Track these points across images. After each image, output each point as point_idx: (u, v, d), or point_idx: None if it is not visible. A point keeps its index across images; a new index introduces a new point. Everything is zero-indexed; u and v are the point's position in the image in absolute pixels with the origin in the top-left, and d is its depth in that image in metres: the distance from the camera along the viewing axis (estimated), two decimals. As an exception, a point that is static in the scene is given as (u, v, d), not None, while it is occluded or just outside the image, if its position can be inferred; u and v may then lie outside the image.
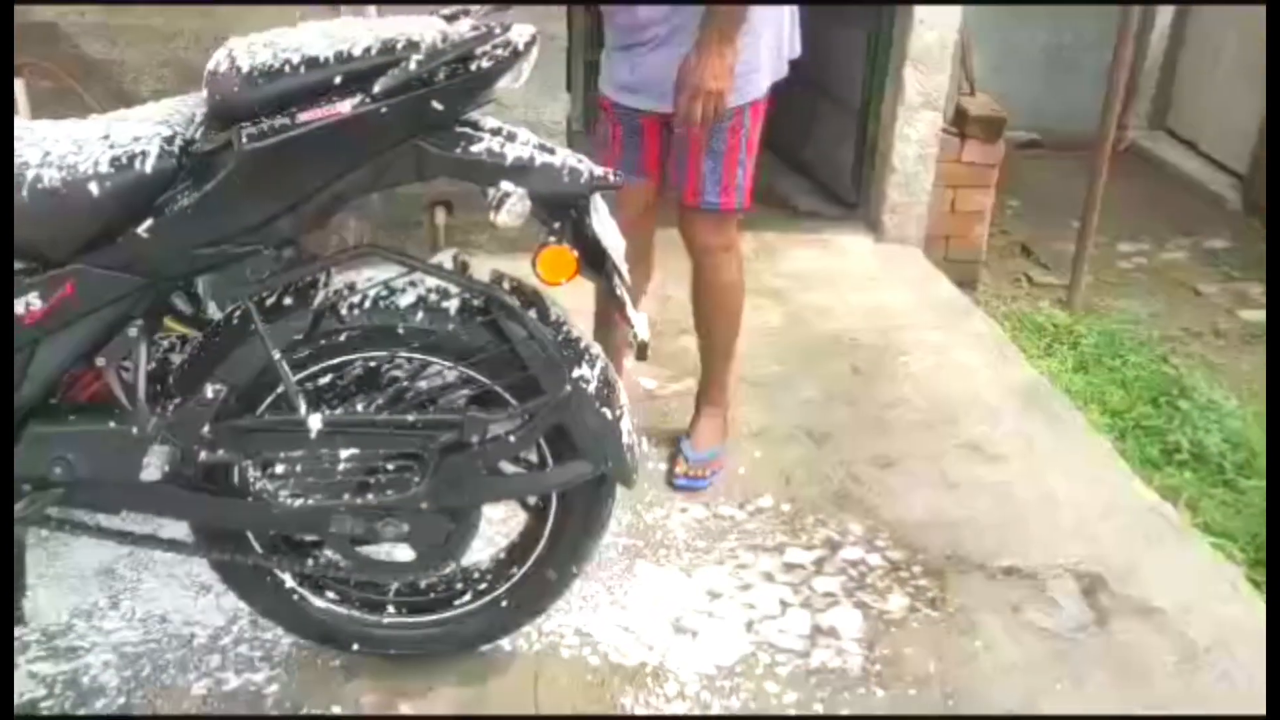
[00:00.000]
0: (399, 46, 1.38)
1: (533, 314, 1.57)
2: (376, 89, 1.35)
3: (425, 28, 1.43)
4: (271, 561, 1.71)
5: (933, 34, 3.43)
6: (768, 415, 2.71)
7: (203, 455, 1.53)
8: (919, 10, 3.41)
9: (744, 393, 2.79)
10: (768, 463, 2.51)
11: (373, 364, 1.64)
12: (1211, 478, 2.79)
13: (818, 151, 4.19)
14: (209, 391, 1.51)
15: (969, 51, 3.71)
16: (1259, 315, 3.92)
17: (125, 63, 2.97)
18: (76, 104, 2.66)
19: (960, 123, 3.69)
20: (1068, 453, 2.61)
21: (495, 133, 1.50)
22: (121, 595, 1.99)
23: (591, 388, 1.60)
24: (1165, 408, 3.05)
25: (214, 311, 1.62)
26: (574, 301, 1.72)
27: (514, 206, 1.42)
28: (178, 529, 1.75)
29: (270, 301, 1.53)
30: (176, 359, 1.61)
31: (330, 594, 1.79)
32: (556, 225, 1.49)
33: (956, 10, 3.43)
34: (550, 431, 1.61)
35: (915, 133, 3.57)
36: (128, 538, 1.70)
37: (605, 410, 1.62)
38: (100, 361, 1.51)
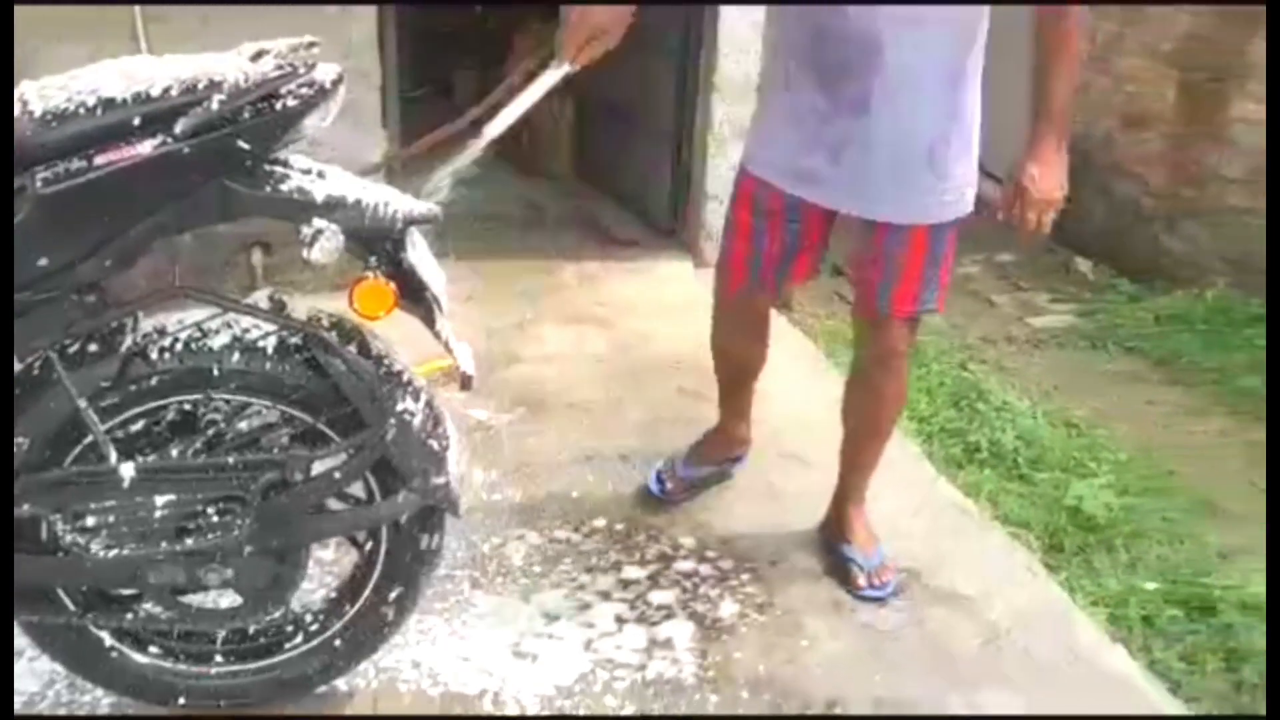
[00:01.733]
0: (200, 86, 1.38)
1: (353, 348, 1.58)
2: (178, 129, 1.35)
3: (227, 66, 1.43)
4: (87, 619, 1.64)
5: (735, 65, 3.60)
6: (598, 439, 2.77)
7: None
8: (722, 41, 3.57)
9: (573, 417, 2.84)
10: (600, 485, 2.56)
11: (188, 407, 1.61)
12: (1008, 473, 3.00)
13: (634, 180, 4.31)
14: (19, 444, 1.45)
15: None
16: (1046, 321, 4.24)
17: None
18: None
19: (768, 151, 3.87)
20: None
21: (305, 171, 1.51)
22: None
23: (416, 420, 1.62)
24: (966, 410, 3.27)
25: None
26: (397, 333, 1.74)
27: (326, 243, 1.43)
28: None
29: (73, 349, 1.49)
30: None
31: (153, 648, 1.73)
32: (372, 260, 1.51)
33: (758, 40, 3.59)
34: (376, 465, 1.62)
35: (726, 161, 3.72)
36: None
37: (431, 442, 1.64)
38: (-121, 421, 1.43)
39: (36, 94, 1.37)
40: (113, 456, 1.48)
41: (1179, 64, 4.08)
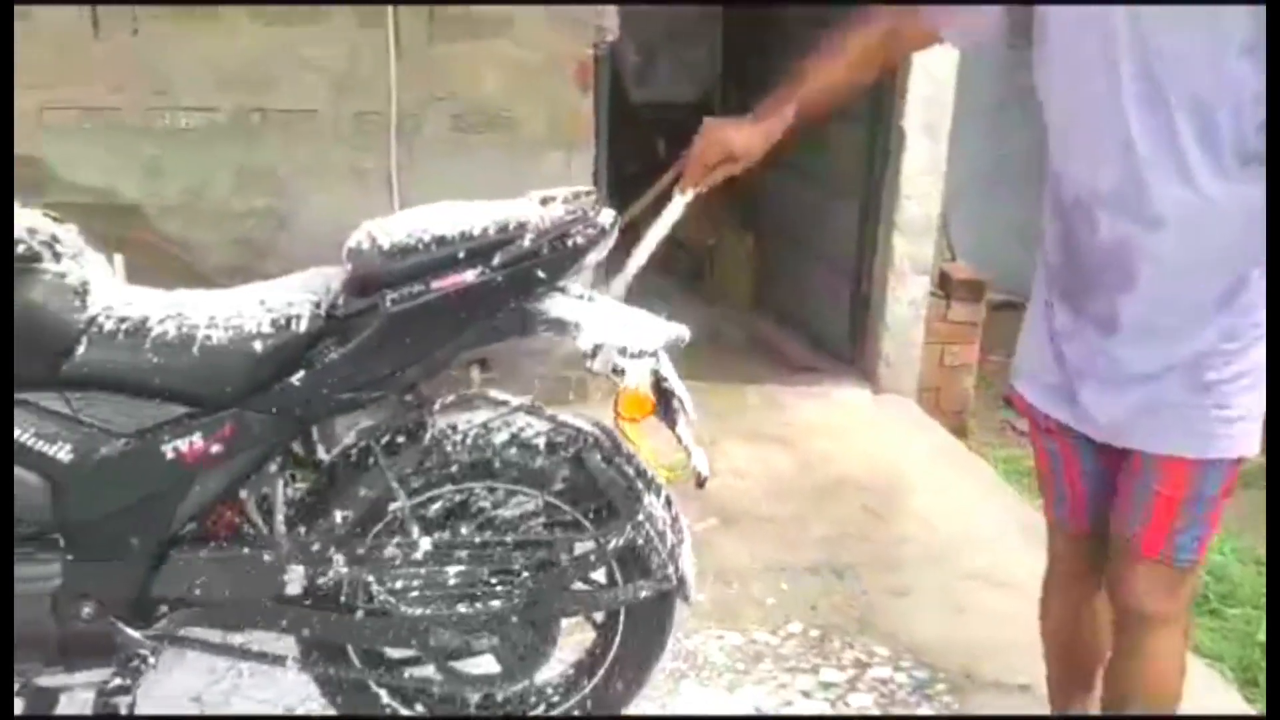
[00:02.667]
0: (510, 226, 1.69)
1: (609, 449, 1.84)
2: (495, 261, 1.65)
3: (527, 210, 1.74)
4: (370, 675, 1.91)
5: (918, 207, 3.84)
6: (788, 551, 2.94)
7: (328, 575, 1.75)
8: (905, 185, 3.82)
9: (762, 529, 3.03)
10: (793, 593, 2.72)
11: (463, 494, 1.89)
12: (1199, 608, 3.01)
13: (812, 309, 4.55)
14: (337, 517, 1.74)
15: (949, 222, 4.13)
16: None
17: (199, 241, 3.28)
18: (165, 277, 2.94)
19: (945, 285, 4.08)
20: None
21: (580, 296, 1.80)
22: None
23: (658, 515, 1.85)
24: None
25: (321, 451, 1.89)
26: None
27: (604, 356, 1.70)
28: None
29: (386, 440, 1.79)
30: (293, 491, 1.85)
31: (419, 706, 1.98)
32: (635, 372, 1.77)
33: (939, 183, 3.84)
34: (622, 553, 1.85)
35: (906, 294, 3.93)
36: (244, 654, 1.89)
37: (669, 535, 1.87)
38: (243, 493, 1.75)
39: (381, 230, 1.70)
40: (414, 531, 1.76)
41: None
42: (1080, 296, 1.71)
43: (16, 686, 1.75)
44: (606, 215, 1.76)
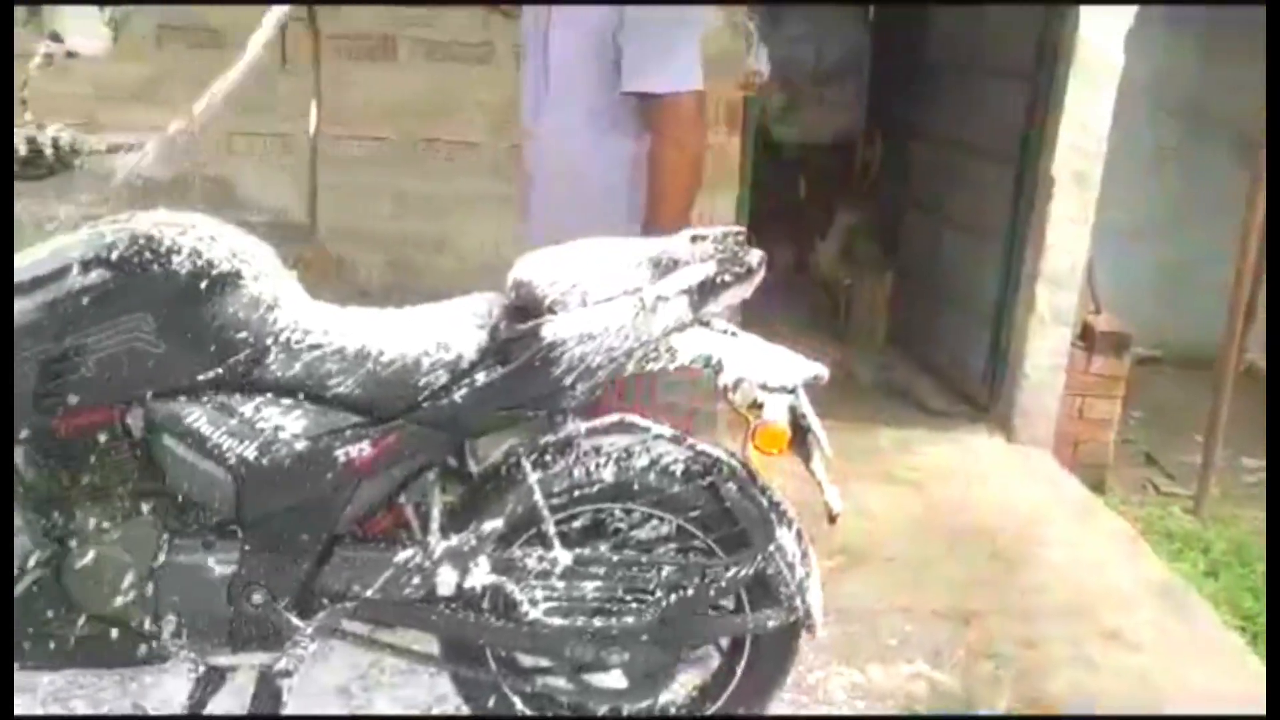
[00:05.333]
0: (663, 262, 1.79)
1: (745, 479, 1.90)
2: (647, 296, 1.75)
3: (679, 247, 1.84)
4: (506, 681, 2.01)
5: (1064, 256, 3.79)
6: (914, 594, 2.93)
7: (475, 581, 1.86)
8: (1050, 233, 3.78)
9: (889, 570, 3.03)
10: (917, 636, 2.72)
11: (602, 513, 1.98)
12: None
13: (948, 353, 4.52)
14: (485, 527, 1.86)
15: (1093, 271, 4.06)
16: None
17: (362, 260, 3.50)
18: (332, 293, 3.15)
19: (1088, 337, 4.00)
20: (1203, 647, 2.76)
21: (724, 331, 1.88)
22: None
23: (789, 547, 1.91)
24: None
25: (472, 465, 2.01)
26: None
27: (745, 389, 1.78)
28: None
29: (535, 457, 1.90)
30: (446, 500, 1.97)
31: (549, 714, 2.07)
32: (773, 405, 1.83)
33: (1086, 233, 3.79)
34: (752, 581, 1.91)
35: (1046, 344, 3.88)
36: (393, 650, 2.02)
37: (799, 567, 1.92)
38: (401, 500, 1.88)
39: (544, 261, 1.82)
40: (556, 545, 1.86)
41: None
42: None
43: (191, 664, 1.91)
44: (755, 255, 1.84)
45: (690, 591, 1.87)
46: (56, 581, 1.83)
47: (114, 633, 1.87)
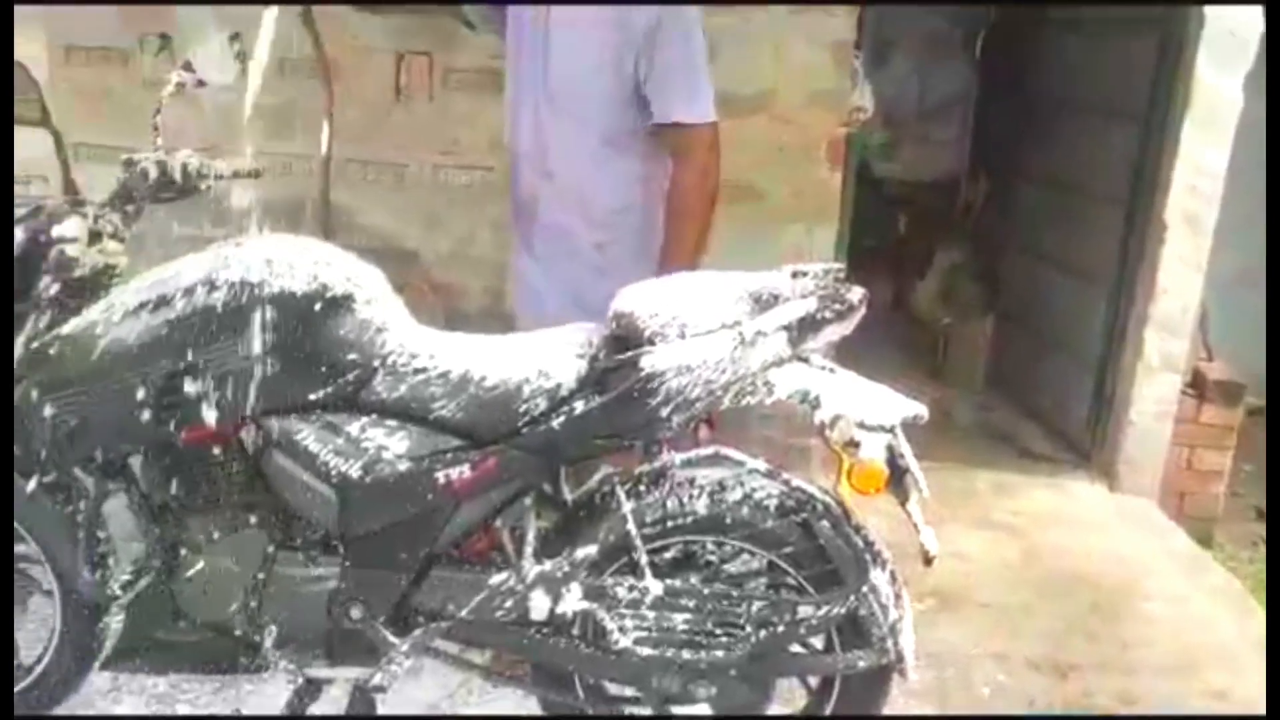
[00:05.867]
0: (764, 297, 1.79)
1: (839, 517, 1.89)
2: (747, 329, 1.75)
3: (779, 282, 1.84)
4: (593, 707, 2.01)
5: (1175, 301, 3.68)
6: (1009, 642, 2.86)
7: (566, 606, 1.88)
8: (1162, 278, 3.67)
9: (983, 616, 2.96)
10: (1011, 685, 2.65)
11: (694, 545, 1.98)
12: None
13: (1050, 398, 4.41)
14: (579, 553, 1.88)
15: (1206, 318, 3.92)
16: None
17: (466, 287, 3.58)
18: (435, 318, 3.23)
19: (1198, 385, 3.87)
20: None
21: (822, 368, 1.88)
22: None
23: (883, 588, 1.88)
24: None
25: (566, 491, 2.03)
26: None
27: (843, 426, 1.77)
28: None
29: (629, 486, 1.91)
30: (542, 525, 2.00)
31: (634, 744, 2.07)
32: (870, 444, 1.82)
33: (1199, 278, 3.67)
34: (843, 621, 1.89)
35: (1154, 392, 3.76)
36: (484, 671, 2.05)
37: (892, 609, 1.89)
38: (498, 523, 1.91)
39: (643, 294, 1.84)
40: (647, 575, 1.86)
41: None
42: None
43: (290, 675, 1.97)
44: (856, 292, 1.83)
45: (780, 628, 1.86)
46: (167, 588, 1.91)
47: (218, 640, 1.94)
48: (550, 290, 2.42)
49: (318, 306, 1.81)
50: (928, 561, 1.90)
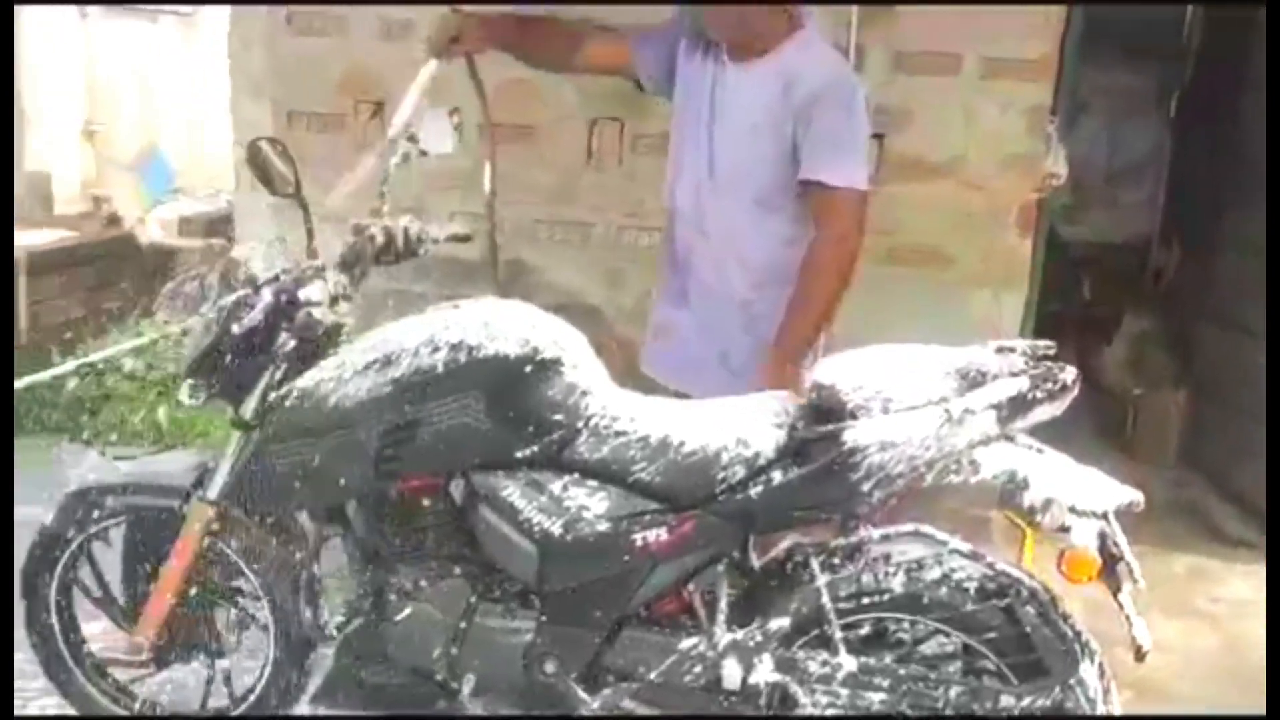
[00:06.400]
0: (971, 374, 1.77)
1: (1045, 604, 1.82)
2: (955, 407, 1.73)
3: (986, 359, 1.81)
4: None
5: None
6: (1209, 741, 2.68)
7: (760, 677, 1.87)
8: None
9: (1185, 712, 2.79)
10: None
11: (884, 623, 1.94)
12: None
13: (1249, 476, 4.14)
14: (773, 624, 1.87)
15: None
16: None
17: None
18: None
19: None
20: None
21: (1029, 447, 1.83)
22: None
23: (1091, 682, 1.81)
24: None
25: (753, 559, 2.03)
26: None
27: (1054, 511, 1.71)
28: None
29: (824, 558, 1.90)
30: (731, 592, 2.00)
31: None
32: (1081, 530, 1.76)
33: None
34: (1047, 714, 1.81)
35: (1374, 475, 3.49)
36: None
37: (1101, 707, 1.81)
38: (690, 588, 1.93)
39: (845, 366, 1.84)
40: (841, 650, 1.84)
41: None
42: None
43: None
44: (1069, 373, 1.79)
45: (980, 716, 1.80)
46: (375, 630, 2.00)
47: (420, 684, 2.01)
48: (698, 342, 2.44)
49: (528, 369, 1.88)
50: (1140, 656, 1.82)
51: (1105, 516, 1.75)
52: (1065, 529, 1.75)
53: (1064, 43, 3.23)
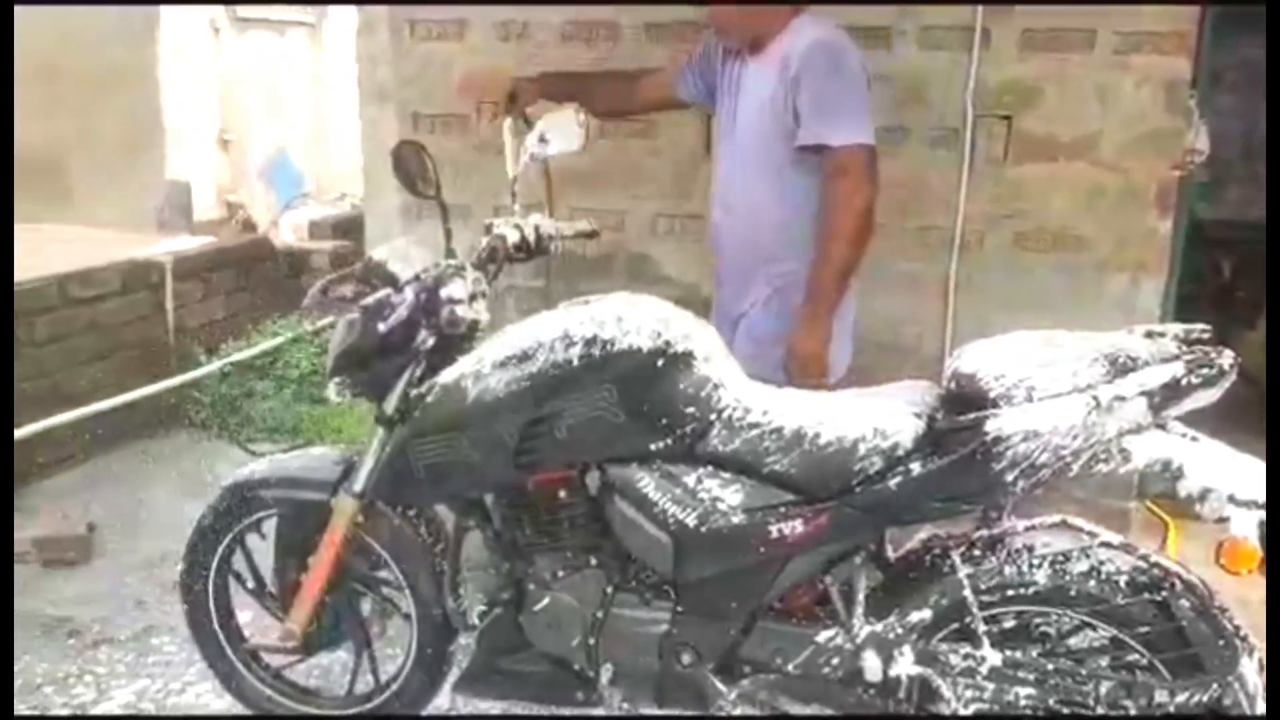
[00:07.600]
0: (1120, 359, 1.71)
1: (1201, 599, 1.75)
2: (1104, 394, 1.67)
3: (1136, 344, 1.75)
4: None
5: None
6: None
7: (901, 669, 1.85)
8: None
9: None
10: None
11: (1025, 616, 1.89)
12: None
13: None
14: (913, 616, 1.85)
15: None
16: None
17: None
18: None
19: None
20: None
21: (1183, 435, 1.76)
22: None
23: (1250, 678, 1.73)
24: None
25: (889, 550, 2.00)
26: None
27: (1213, 501, 1.65)
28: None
29: (965, 550, 1.87)
30: (869, 584, 1.97)
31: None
32: (1241, 520, 1.68)
33: None
34: (1204, 711, 1.74)
35: None
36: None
37: (1260, 702, 1.73)
38: (828, 579, 1.92)
39: (988, 354, 1.80)
40: (985, 644, 1.80)
41: None
42: None
43: (621, 712, 2.04)
44: (1226, 357, 1.71)
45: (1133, 712, 1.74)
46: (514, 620, 2.05)
47: (558, 673, 2.05)
48: (727, 319, 2.57)
49: (660, 363, 1.89)
50: (1301, 651, 1.74)
51: (1263, 505, 1.67)
52: (1224, 519, 1.68)
53: (1204, 13, 3.10)
